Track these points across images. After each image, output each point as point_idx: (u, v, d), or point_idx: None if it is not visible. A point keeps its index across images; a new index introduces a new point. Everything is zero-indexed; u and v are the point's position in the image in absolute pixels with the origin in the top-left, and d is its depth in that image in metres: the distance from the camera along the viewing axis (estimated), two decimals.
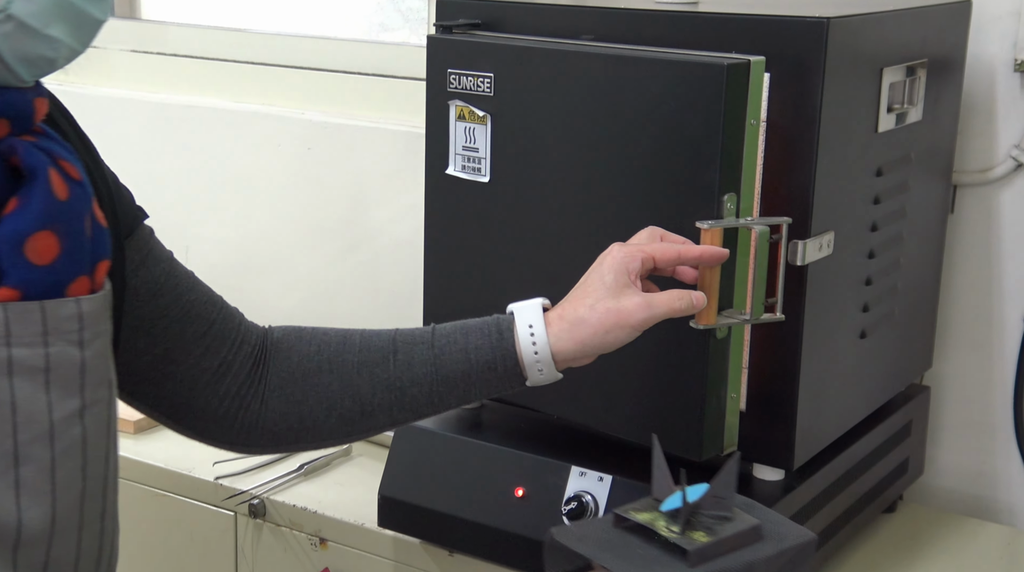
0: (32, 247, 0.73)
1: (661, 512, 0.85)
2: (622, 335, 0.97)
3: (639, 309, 0.97)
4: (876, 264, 1.26)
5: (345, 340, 0.99)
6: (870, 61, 1.19)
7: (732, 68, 1.05)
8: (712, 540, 0.82)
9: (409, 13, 2.59)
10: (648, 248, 1.01)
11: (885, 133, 1.22)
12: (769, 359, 1.14)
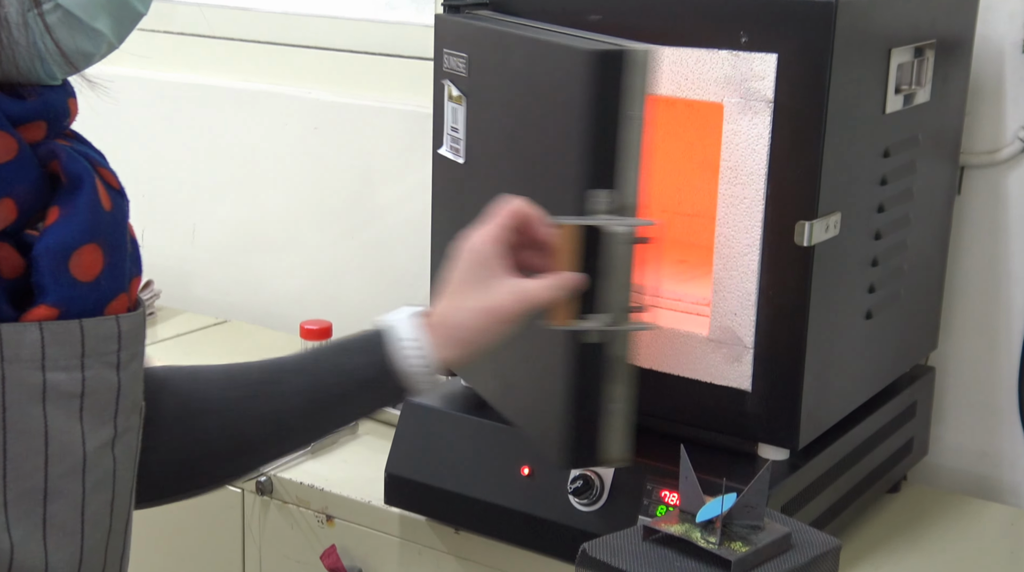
0: (77, 262, 0.68)
1: (694, 524, 0.85)
2: (503, 330, 0.90)
3: (511, 302, 0.90)
4: (882, 245, 1.26)
5: (216, 377, 0.88)
6: (878, 42, 1.18)
7: (603, 56, 0.96)
8: (751, 550, 0.83)
9: None
10: (498, 223, 0.92)
11: (893, 114, 1.22)
12: (775, 339, 1.15)
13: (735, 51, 1.13)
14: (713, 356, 1.19)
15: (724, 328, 1.17)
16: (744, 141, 1.14)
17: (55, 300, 0.67)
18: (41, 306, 0.67)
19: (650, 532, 0.87)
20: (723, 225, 1.16)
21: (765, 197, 1.13)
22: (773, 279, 1.14)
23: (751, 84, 1.12)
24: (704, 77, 1.15)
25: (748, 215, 1.14)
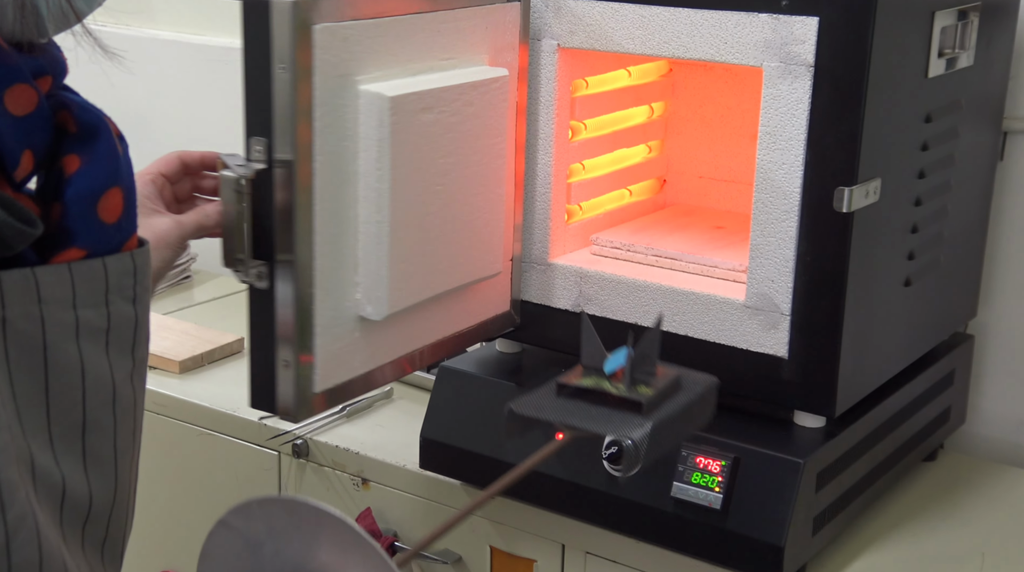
0: (104, 205, 0.72)
1: (601, 376, 0.96)
2: (167, 254, 1.00)
3: (169, 229, 1.01)
4: (923, 211, 1.24)
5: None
6: (921, 5, 1.16)
7: (249, 6, 0.98)
8: (654, 392, 0.94)
9: None
10: (154, 168, 1.04)
11: (935, 78, 1.20)
12: (812, 306, 1.14)
13: (775, 15, 1.11)
14: (750, 323, 1.18)
15: (761, 295, 1.17)
16: (784, 106, 1.12)
17: (84, 243, 0.72)
18: (72, 249, 0.71)
19: (563, 387, 0.96)
20: (761, 190, 1.15)
21: (804, 163, 1.12)
22: (811, 246, 1.13)
23: (791, 48, 1.11)
24: (743, 41, 1.14)
25: (787, 181, 1.13)
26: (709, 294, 1.21)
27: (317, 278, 1.06)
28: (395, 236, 1.10)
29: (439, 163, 1.14)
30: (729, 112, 1.44)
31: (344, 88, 1.05)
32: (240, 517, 0.84)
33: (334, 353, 1.10)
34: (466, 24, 1.17)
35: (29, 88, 0.69)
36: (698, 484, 1.15)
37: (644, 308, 1.24)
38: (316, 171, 1.04)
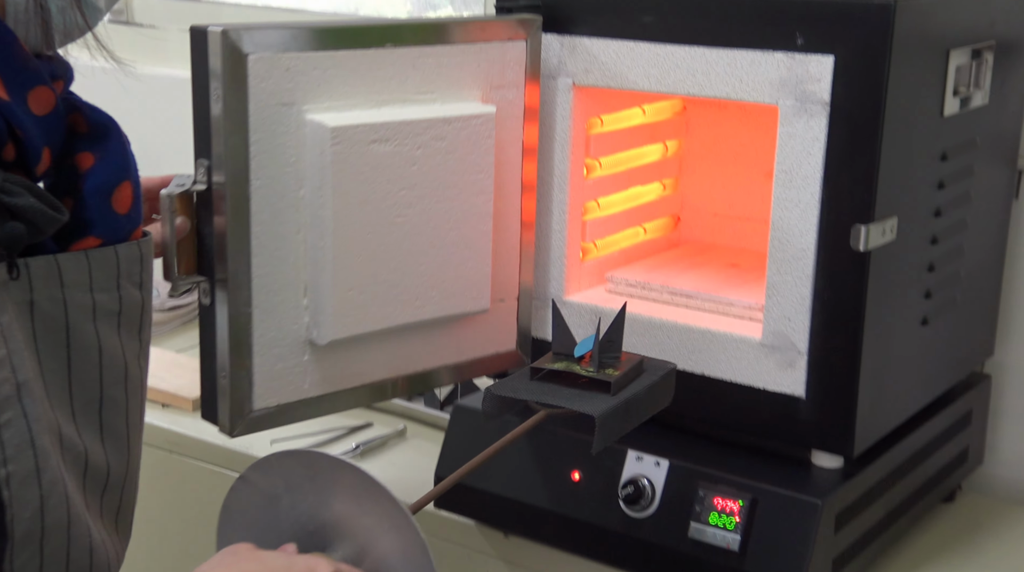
0: (117, 198, 0.79)
1: (571, 360, 1.05)
2: None
3: None
4: (939, 250, 1.24)
5: None
6: (937, 44, 1.17)
7: (192, 32, 1.02)
8: (621, 373, 1.03)
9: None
10: None
11: (950, 117, 1.20)
12: (830, 345, 1.13)
13: (791, 53, 1.12)
14: (766, 361, 1.17)
15: (778, 333, 1.16)
16: (800, 144, 1.12)
17: (100, 232, 0.78)
18: (89, 237, 0.78)
19: (536, 371, 1.05)
20: (777, 229, 1.15)
21: (821, 200, 1.12)
22: (828, 283, 1.13)
23: (807, 86, 1.11)
24: (759, 79, 1.14)
25: (803, 218, 1.13)
26: (725, 332, 1.20)
27: (255, 298, 1.09)
28: (340, 263, 1.12)
29: (399, 195, 1.15)
30: (743, 150, 1.44)
31: (288, 116, 1.08)
32: (259, 472, 0.88)
33: (276, 373, 1.12)
34: (451, 60, 1.18)
35: (48, 90, 0.75)
36: (716, 525, 1.14)
37: (660, 346, 1.23)
38: (253, 194, 1.07)
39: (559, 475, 1.23)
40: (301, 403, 1.15)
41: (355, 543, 0.86)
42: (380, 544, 0.86)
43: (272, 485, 0.88)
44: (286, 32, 1.07)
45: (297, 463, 0.87)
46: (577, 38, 1.24)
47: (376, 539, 0.86)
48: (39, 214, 0.72)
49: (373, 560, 0.86)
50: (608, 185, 1.36)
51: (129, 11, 2.20)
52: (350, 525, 0.86)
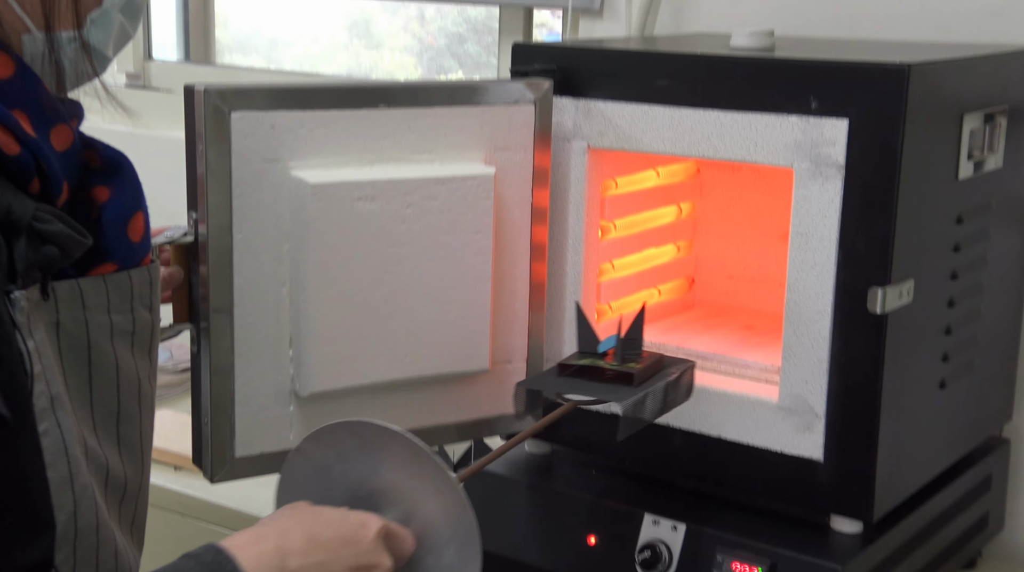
0: (132, 227, 0.85)
1: (596, 357, 1.12)
2: None
3: None
4: (956, 313, 1.23)
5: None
6: (950, 107, 1.17)
7: (186, 91, 1.06)
8: (643, 367, 1.11)
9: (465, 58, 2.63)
10: None
11: (965, 180, 1.21)
12: (848, 408, 1.13)
13: (805, 116, 1.12)
14: (783, 424, 1.17)
15: (795, 396, 1.15)
16: (815, 206, 1.13)
17: (116, 259, 0.84)
18: (106, 264, 0.84)
19: (564, 368, 1.13)
20: (793, 291, 1.15)
21: (837, 263, 1.12)
22: (845, 346, 1.12)
23: (822, 149, 1.12)
24: (774, 142, 1.15)
25: (819, 281, 1.13)
26: (742, 394, 1.20)
27: (238, 348, 1.11)
28: (322, 317, 1.14)
29: (387, 252, 1.16)
30: (757, 212, 1.45)
31: (272, 172, 1.11)
32: (313, 443, 0.94)
33: (260, 421, 1.14)
34: (450, 122, 1.19)
35: (67, 128, 0.82)
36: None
37: (676, 409, 1.22)
38: (235, 246, 1.09)
39: (575, 539, 1.22)
40: (286, 453, 1.13)
41: (402, 507, 0.91)
42: (425, 507, 0.91)
43: (324, 456, 0.93)
44: (271, 91, 1.11)
45: (348, 433, 0.92)
46: (592, 101, 1.25)
47: (422, 502, 0.91)
48: (68, 239, 0.78)
49: (419, 522, 0.91)
50: (623, 247, 1.36)
51: (146, 76, 2.23)
52: (397, 490, 0.91)
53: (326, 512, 0.87)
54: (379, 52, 2.75)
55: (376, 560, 0.86)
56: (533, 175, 1.25)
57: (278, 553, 0.81)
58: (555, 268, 1.29)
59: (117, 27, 0.86)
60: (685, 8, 1.63)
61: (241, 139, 1.08)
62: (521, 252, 1.26)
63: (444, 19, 2.68)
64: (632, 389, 1.08)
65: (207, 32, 2.27)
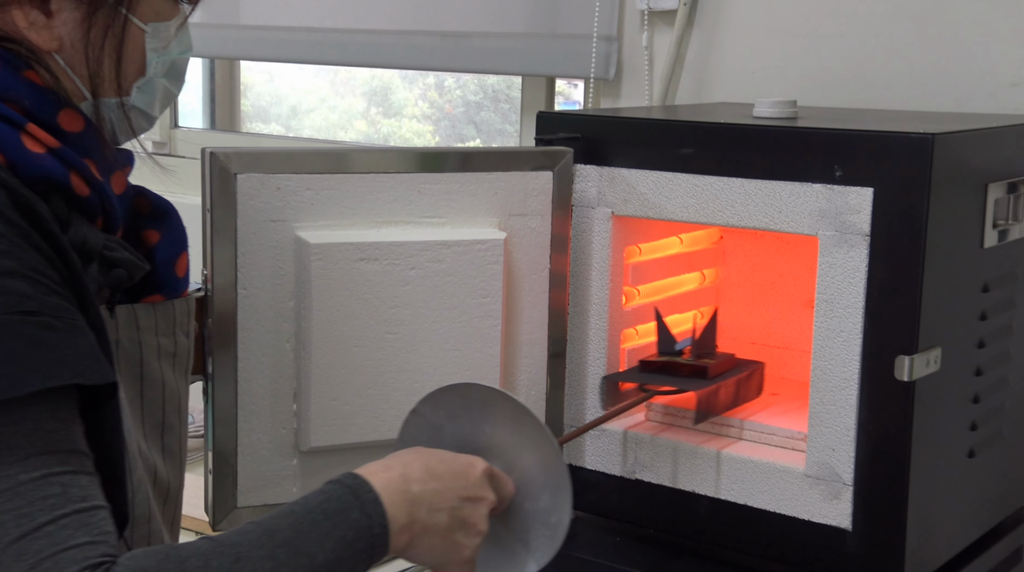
0: (179, 265, 0.97)
1: (674, 354, 1.29)
2: None
3: None
4: (984, 382, 1.23)
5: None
6: (975, 177, 1.18)
7: (202, 155, 1.10)
8: (716, 363, 1.27)
9: (482, 125, 2.66)
10: None
11: (990, 249, 1.21)
12: (876, 476, 1.12)
13: (830, 185, 1.13)
14: (811, 492, 1.16)
15: (822, 464, 1.15)
16: (840, 274, 1.13)
17: (164, 291, 0.96)
18: (156, 295, 0.96)
19: (647, 364, 1.29)
20: (819, 358, 1.15)
21: (863, 330, 1.12)
22: (873, 414, 1.12)
23: (847, 217, 1.12)
24: (798, 210, 1.15)
25: (845, 348, 1.13)
26: (768, 461, 1.19)
27: (241, 400, 1.14)
28: (323, 375, 1.16)
29: (390, 313, 1.18)
30: (780, 279, 1.45)
31: (278, 232, 1.14)
32: (427, 405, 1.04)
33: (263, 473, 1.16)
34: (462, 187, 1.21)
35: (122, 174, 0.93)
36: None
37: (701, 475, 1.22)
38: (240, 302, 1.12)
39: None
40: None
41: (504, 458, 1.01)
42: (524, 458, 1.01)
43: (437, 416, 1.03)
44: (278, 154, 1.15)
45: (456, 395, 1.03)
46: (616, 169, 1.26)
47: (521, 454, 1.01)
48: (132, 264, 0.91)
49: (519, 471, 1.01)
50: (646, 313, 1.36)
51: (172, 144, 2.26)
52: (499, 444, 1.01)
53: (440, 452, 0.96)
54: (397, 120, 2.79)
55: (482, 494, 0.95)
56: (551, 241, 1.26)
57: (402, 479, 0.90)
58: (577, 334, 1.30)
59: (161, 91, 0.95)
60: (705, 78, 1.65)
61: (247, 200, 1.12)
62: (538, 318, 1.27)
63: (462, 88, 2.72)
64: (705, 381, 1.23)
65: (232, 101, 2.31)
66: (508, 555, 1.02)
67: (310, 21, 1.97)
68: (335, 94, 2.83)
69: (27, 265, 0.77)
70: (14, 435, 0.73)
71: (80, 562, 0.72)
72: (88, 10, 0.87)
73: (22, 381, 0.73)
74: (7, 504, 0.72)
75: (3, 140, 0.83)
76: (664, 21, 1.67)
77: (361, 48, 1.92)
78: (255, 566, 0.78)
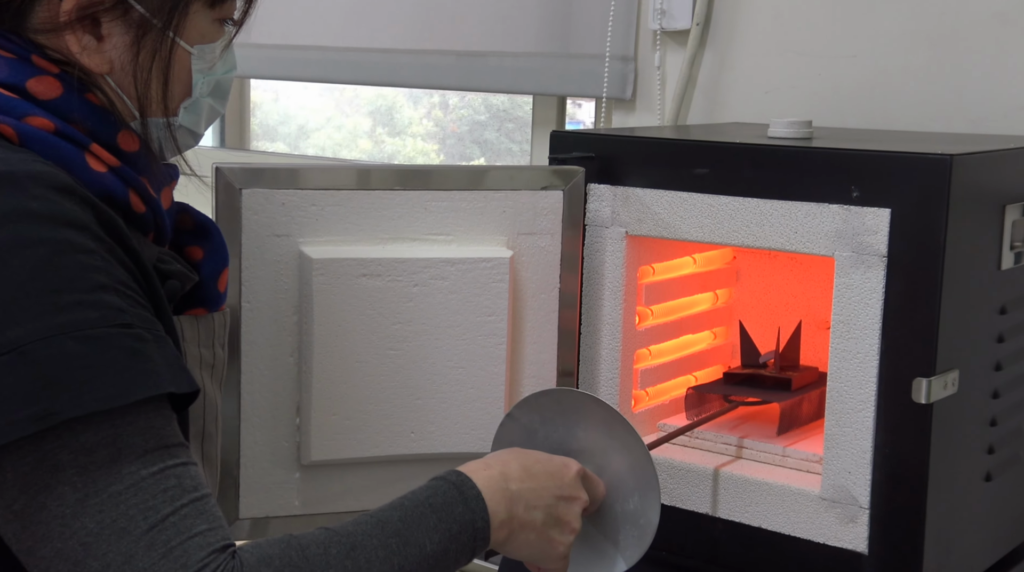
0: (221, 280, 0.99)
1: (758, 366, 1.34)
2: None
3: None
4: (1001, 404, 1.22)
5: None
6: (992, 198, 1.17)
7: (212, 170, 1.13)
8: (798, 375, 1.32)
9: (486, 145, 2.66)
10: None
11: (1008, 270, 1.20)
12: (893, 499, 1.11)
13: (846, 206, 1.12)
14: (826, 516, 1.15)
15: (838, 487, 1.14)
16: (857, 295, 1.12)
17: (207, 305, 0.98)
18: (199, 308, 0.98)
19: (731, 377, 1.35)
20: (836, 380, 1.14)
21: (880, 352, 1.11)
22: (890, 437, 1.11)
23: (863, 238, 1.12)
24: (814, 231, 1.15)
25: (862, 370, 1.12)
26: (783, 484, 1.18)
27: (244, 413, 1.16)
28: (324, 388, 1.17)
29: (393, 329, 1.18)
30: (794, 299, 1.44)
31: (282, 247, 1.16)
32: (522, 410, 1.08)
33: (264, 486, 1.17)
34: (468, 206, 1.21)
35: (170, 190, 0.97)
36: None
37: (716, 497, 1.21)
38: (244, 317, 1.15)
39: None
40: (292, 519, 1.19)
41: (595, 461, 1.05)
42: (615, 461, 1.05)
43: (531, 420, 1.07)
44: (283, 171, 1.16)
45: (550, 400, 1.06)
46: (630, 189, 1.25)
47: (612, 457, 1.05)
48: (183, 275, 0.94)
49: (609, 474, 1.05)
50: (659, 333, 1.35)
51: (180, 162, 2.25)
52: (591, 447, 1.05)
53: (536, 452, 1.01)
54: (402, 139, 2.79)
55: (575, 493, 0.99)
56: (562, 260, 1.26)
57: (502, 477, 0.95)
58: (589, 353, 1.29)
59: (207, 110, 0.97)
60: (717, 98, 1.65)
61: (251, 214, 1.14)
62: (548, 337, 1.26)
63: (467, 107, 2.72)
64: (788, 393, 1.28)
65: (242, 119, 2.31)
66: (599, 554, 1.06)
67: (323, 40, 1.97)
68: (340, 113, 2.84)
69: (117, 279, 0.81)
70: (132, 434, 0.78)
71: (205, 548, 0.77)
72: (137, 34, 0.89)
73: (131, 389, 0.78)
74: (134, 499, 0.77)
75: (70, 160, 0.86)
76: (677, 41, 1.67)
77: (374, 67, 1.92)
78: (370, 555, 0.83)
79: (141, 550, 0.76)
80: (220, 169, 1.13)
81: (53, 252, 0.78)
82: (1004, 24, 1.45)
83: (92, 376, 0.76)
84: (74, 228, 0.80)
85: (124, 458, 0.77)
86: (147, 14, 0.89)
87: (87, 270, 0.79)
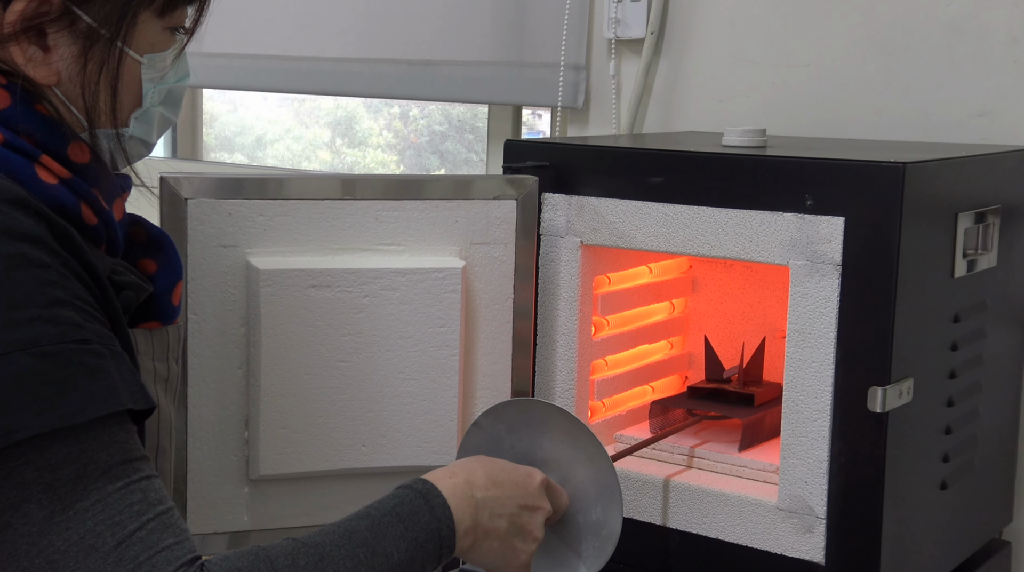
0: (175, 294, 0.98)
1: (722, 381, 1.35)
2: None
3: None
4: (955, 412, 1.22)
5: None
6: (945, 207, 1.18)
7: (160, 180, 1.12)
8: (762, 391, 1.33)
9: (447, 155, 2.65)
10: None
11: (961, 278, 1.20)
12: (849, 509, 1.10)
13: (800, 214, 1.12)
14: (783, 526, 1.14)
15: (794, 496, 1.13)
16: (812, 304, 1.12)
17: (160, 318, 0.97)
18: (153, 321, 0.96)
19: (695, 391, 1.35)
20: (792, 389, 1.13)
21: (835, 361, 1.10)
22: (845, 446, 1.10)
23: (818, 247, 1.11)
24: (769, 239, 1.14)
25: (817, 379, 1.11)
26: (740, 495, 1.17)
27: (190, 427, 1.14)
28: (272, 401, 1.16)
29: (343, 340, 1.17)
30: (751, 309, 1.44)
31: (228, 258, 1.14)
32: (488, 418, 1.08)
33: (212, 501, 1.15)
34: (420, 215, 1.20)
35: (121, 201, 0.94)
36: None
37: (672, 508, 1.20)
38: (191, 329, 1.13)
39: None
40: (241, 535, 1.17)
41: (559, 472, 1.06)
42: (579, 472, 1.06)
43: (497, 429, 1.07)
44: (229, 180, 1.14)
45: (517, 409, 1.07)
46: (585, 198, 1.24)
47: (575, 468, 1.06)
48: (138, 287, 0.93)
49: (573, 484, 1.06)
50: (616, 344, 1.34)
51: None
52: (555, 457, 1.06)
53: (501, 461, 1.02)
54: (362, 150, 2.77)
55: (539, 503, 1.01)
56: (515, 270, 1.24)
57: (467, 485, 0.95)
58: (545, 365, 1.27)
59: (158, 119, 0.95)
60: (672, 107, 1.64)
61: (197, 225, 1.12)
62: (502, 348, 1.25)
63: (427, 118, 2.71)
64: (752, 409, 1.28)
65: (195, 129, 2.28)
66: (561, 563, 1.07)
67: (275, 49, 1.95)
68: (300, 124, 2.81)
69: (74, 294, 0.80)
70: (97, 450, 0.78)
71: (173, 562, 0.77)
72: (84, 45, 0.87)
73: (92, 405, 0.77)
74: (101, 514, 0.77)
75: (20, 172, 0.84)
76: (631, 50, 1.66)
77: (327, 76, 1.91)
78: (338, 565, 0.84)
79: (109, 566, 0.75)
80: (165, 179, 1.11)
81: (8, 267, 0.77)
82: (955, 33, 1.45)
83: (52, 393, 0.76)
84: (29, 242, 0.78)
85: (89, 474, 0.77)
86: (94, 24, 0.87)
87: (43, 285, 0.78)
